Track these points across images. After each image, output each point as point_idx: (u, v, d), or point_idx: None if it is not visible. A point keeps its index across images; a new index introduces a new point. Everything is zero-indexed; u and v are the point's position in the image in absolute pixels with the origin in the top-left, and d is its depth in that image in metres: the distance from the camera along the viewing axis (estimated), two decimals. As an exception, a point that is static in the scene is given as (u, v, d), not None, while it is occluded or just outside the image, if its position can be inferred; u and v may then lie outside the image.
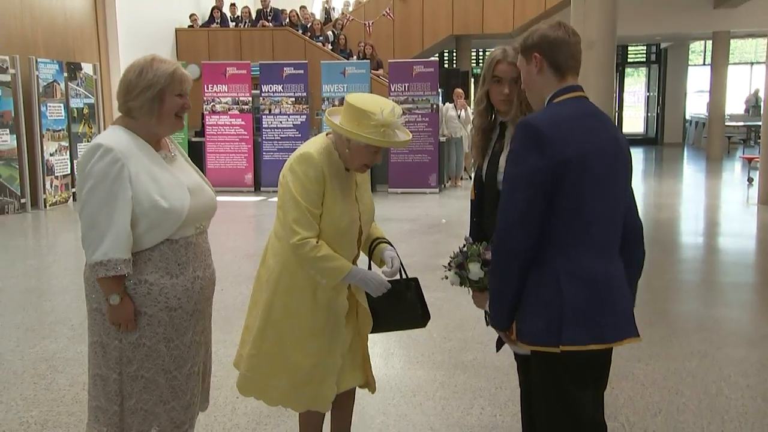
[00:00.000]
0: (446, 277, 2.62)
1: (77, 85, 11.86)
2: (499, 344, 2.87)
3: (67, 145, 11.58)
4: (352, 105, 2.57)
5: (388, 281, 2.75)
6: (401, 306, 2.83)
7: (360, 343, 2.91)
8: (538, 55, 2.28)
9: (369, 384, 2.97)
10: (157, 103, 2.49)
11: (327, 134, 2.75)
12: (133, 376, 2.52)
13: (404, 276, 2.88)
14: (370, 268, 2.83)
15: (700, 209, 10.99)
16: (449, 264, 2.61)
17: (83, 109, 12.01)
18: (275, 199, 3.12)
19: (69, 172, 11.56)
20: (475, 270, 2.53)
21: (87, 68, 12.13)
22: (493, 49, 2.81)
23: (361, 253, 2.91)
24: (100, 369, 2.55)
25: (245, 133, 12.80)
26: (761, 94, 19.56)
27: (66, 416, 3.72)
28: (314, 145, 2.69)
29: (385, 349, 4.59)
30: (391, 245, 2.90)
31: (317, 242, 2.59)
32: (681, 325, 5.08)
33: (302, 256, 2.59)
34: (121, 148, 2.43)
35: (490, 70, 2.75)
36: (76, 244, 8.94)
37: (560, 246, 2.19)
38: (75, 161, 11.70)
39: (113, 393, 2.53)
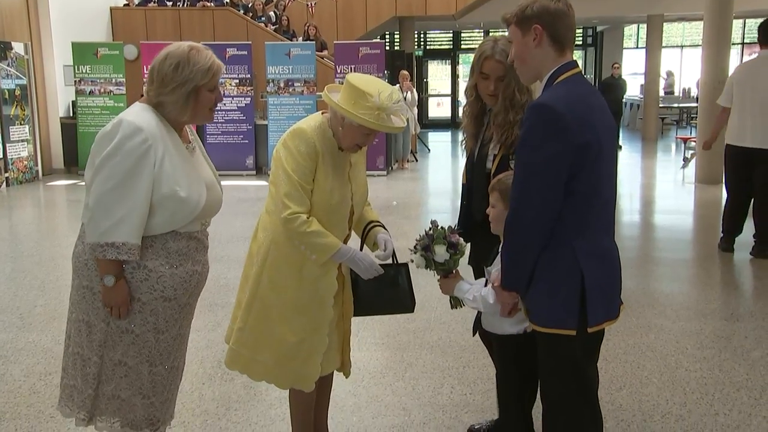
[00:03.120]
0: (412, 260, 2.64)
1: (8, 65, 11.34)
2: (476, 328, 2.88)
3: (-1, 128, 11.09)
4: (351, 84, 2.53)
5: (380, 265, 2.73)
6: (394, 291, 2.81)
7: (343, 326, 2.89)
8: (539, 26, 2.19)
9: (344, 366, 2.97)
10: (192, 100, 2.40)
11: (322, 112, 2.72)
12: (115, 362, 2.43)
13: (395, 261, 2.85)
14: (362, 250, 2.80)
15: (641, 188, 11.28)
16: (415, 247, 2.62)
17: (15, 90, 11.50)
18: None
19: (1, 156, 11.08)
20: (440, 252, 2.55)
21: (18, 48, 11.61)
22: (483, 41, 2.85)
23: (354, 234, 2.88)
24: (82, 348, 2.45)
25: (187, 115, 12.47)
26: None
27: (25, 408, 3.58)
28: (308, 121, 2.68)
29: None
30: (385, 228, 2.88)
31: (308, 218, 2.56)
32: (635, 300, 5.21)
33: (292, 230, 2.56)
34: (150, 129, 2.33)
35: (478, 65, 2.81)
36: (12, 230, 8.59)
37: (576, 227, 2.17)
38: (7, 144, 11.23)
39: (91, 376, 2.44)
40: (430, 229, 2.61)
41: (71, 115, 12.92)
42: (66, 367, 2.53)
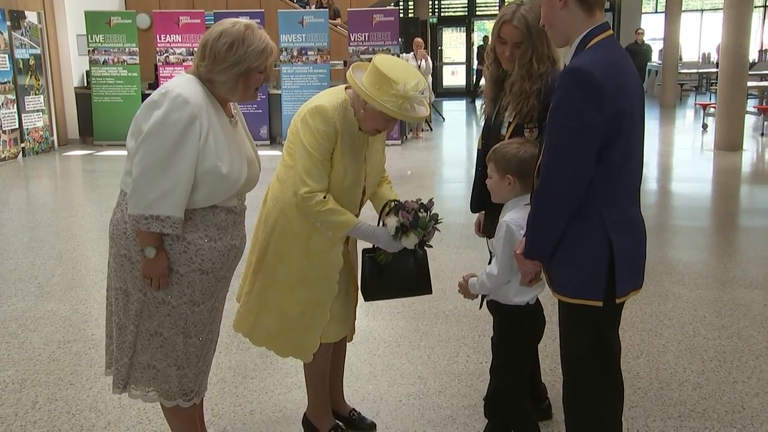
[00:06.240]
0: (384, 223, 2.65)
1: (21, 34, 11.31)
2: (483, 300, 2.86)
3: (14, 98, 11.09)
4: (377, 68, 2.45)
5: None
6: (418, 270, 2.76)
7: (355, 292, 2.90)
8: None
9: (350, 333, 3.00)
10: (242, 81, 2.37)
11: (346, 88, 2.65)
12: (151, 332, 2.44)
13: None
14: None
15: (659, 156, 11.15)
16: (397, 211, 2.61)
17: (29, 60, 11.49)
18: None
19: (17, 126, 11.11)
20: (410, 240, 2.60)
21: (31, 17, 11.57)
22: (507, 4, 2.81)
23: (371, 212, 2.85)
24: (119, 317, 2.47)
25: (201, 84, 12.41)
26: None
27: (44, 375, 3.62)
28: (331, 98, 2.60)
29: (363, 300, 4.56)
30: None
31: (324, 197, 2.54)
32: (651, 268, 5.14)
33: (308, 208, 2.55)
34: (197, 102, 2.29)
35: (496, 29, 2.76)
36: (29, 200, 8.65)
37: (606, 197, 2.11)
38: (23, 114, 11.25)
39: (127, 344, 2.46)
40: (420, 209, 2.61)
41: (85, 84, 12.92)
42: (109, 334, 2.56)
